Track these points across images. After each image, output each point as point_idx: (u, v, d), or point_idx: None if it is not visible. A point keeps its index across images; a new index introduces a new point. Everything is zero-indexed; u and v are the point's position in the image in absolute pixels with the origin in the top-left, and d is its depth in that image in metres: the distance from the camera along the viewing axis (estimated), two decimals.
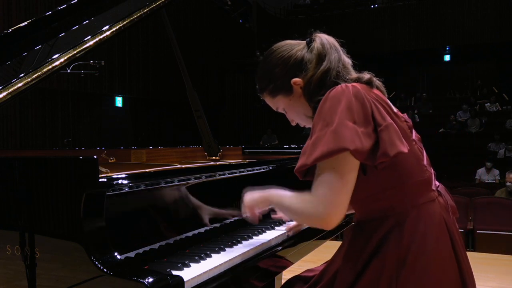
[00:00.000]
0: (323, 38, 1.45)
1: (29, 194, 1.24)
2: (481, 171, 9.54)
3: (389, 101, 1.40)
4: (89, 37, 1.74)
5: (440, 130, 12.69)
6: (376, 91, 1.40)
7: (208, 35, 14.02)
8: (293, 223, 1.88)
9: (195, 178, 1.65)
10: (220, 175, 1.80)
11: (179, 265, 1.31)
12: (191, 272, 1.29)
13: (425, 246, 1.27)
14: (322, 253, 2.80)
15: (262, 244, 1.61)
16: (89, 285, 1.15)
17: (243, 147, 2.97)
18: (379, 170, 1.28)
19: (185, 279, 1.20)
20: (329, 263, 1.53)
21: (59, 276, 1.19)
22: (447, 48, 18.19)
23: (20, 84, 1.55)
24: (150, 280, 1.10)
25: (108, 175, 1.35)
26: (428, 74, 18.97)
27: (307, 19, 18.79)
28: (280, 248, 1.68)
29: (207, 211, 1.68)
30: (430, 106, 14.52)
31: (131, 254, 1.32)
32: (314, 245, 2.04)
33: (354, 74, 1.42)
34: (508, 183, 6.80)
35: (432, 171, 1.40)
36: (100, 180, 1.21)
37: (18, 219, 1.25)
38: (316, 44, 1.44)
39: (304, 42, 1.49)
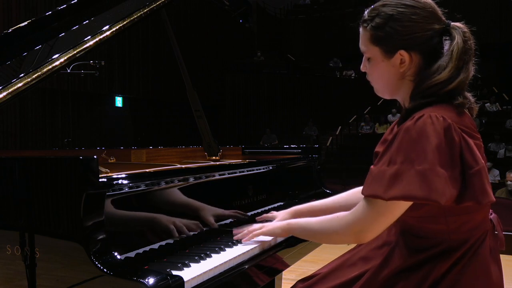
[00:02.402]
0: (468, 37, 1.28)
1: (29, 194, 1.23)
2: None
3: (475, 124, 1.27)
4: (89, 37, 1.74)
5: None
6: (464, 116, 1.25)
7: (208, 35, 14.02)
8: None
9: (195, 178, 1.65)
10: (220, 175, 1.80)
11: (179, 265, 1.31)
12: (191, 272, 1.29)
13: (465, 274, 1.23)
14: (322, 253, 2.81)
15: (262, 244, 1.61)
16: (89, 285, 1.15)
17: (243, 147, 2.97)
18: (459, 205, 1.19)
19: (185, 279, 1.20)
20: (352, 253, 1.50)
21: (59, 276, 1.19)
22: None
23: (20, 84, 1.55)
24: (150, 280, 1.10)
25: (108, 175, 1.35)
26: None
27: (307, 19, 18.81)
28: (280, 248, 1.68)
29: (207, 211, 1.68)
30: None
31: (131, 254, 1.32)
32: (314, 245, 2.04)
33: (467, 93, 1.29)
34: (508, 182, 6.80)
35: None
36: (100, 180, 1.21)
37: (18, 219, 1.25)
38: (459, 40, 1.25)
39: (443, 22, 1.30)
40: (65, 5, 1.85)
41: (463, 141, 1.17)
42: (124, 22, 1.86)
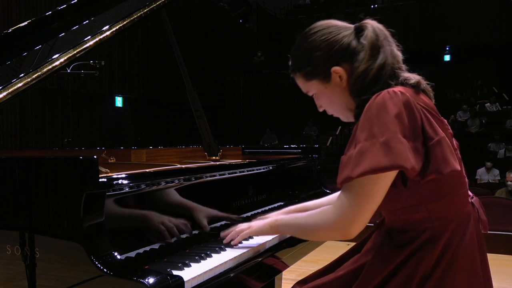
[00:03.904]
0: (375, 27, 1.33)
1: (29, 194, 1.23)
2: (481, 171, 9.54)
3: (434, 107, 1.30)
4: (89, 37, 1.73)
5: None
6: (422, 95, 1.28)
7: (208, 35, 14.02)
8: None
9: (195, 178, 1.65)
10: (220, 175, 1.80)
11: (179, 265, 1.31)
12: (191, 272, 1.29)
13: (455, 264, 1.23)
14: (322, 253, 2.80)
15: (263, 244, 1.61)
16: (89, 285, 1.15)
17: (243, 147, 2.97)
18: (422, 183, 1.20)
19: (185, 279, 1.20)
20: (342, 260, 1.49)
21: (59, 276, 1.19)
22: (447, 48, 18.20)
23: (20, 84, 1.55)
24: (151, 280, 1.10)
25: (108, 175, 1.35)
26: (428, 74, 18.95)
27: (307, 19, 18.78)
28: (280, 248, 1.68)
29: (207, 210, 1.68)
30: None
31: (132, 254, 1.32)
32: (314, 245, 2.04)
33: (406, 72, 1.32)
34: (508, 182, 6.81)
35: (467, 180, 1.32)
36: (100, 180, 1.21)
37: (18, 219, 1.25)
38: (369, 33, 1.31)
39: (351, 26, 1.36)
40: (65, 5, 1.84)
41: (423, 114, 1.20)
42: (124, 22, 1.86)
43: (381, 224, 1.41)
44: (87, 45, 1.72)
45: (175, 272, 1.25)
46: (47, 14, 1.83)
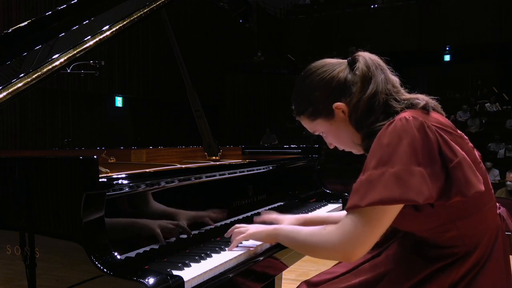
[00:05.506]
0: (367, 58, 1.34)
1: (29, 194, 1.23)
2: None
3: (451, 123, 1.29)
4: (89, 37, 1.73)
5: None
6: (435, 114, 1.28)
7: (208, 35, 14.02)
8: None
9: (195, 178, 1.65)
10: (220, 175, 1.80)
11: (179, 265, 1.31)
12: (191, 272, 1.29)
13: (482, 275, 1.23)
14: None
15: (262, 244, 1.61)
16: (89, 285, 1.15)
17: (243, 147, 2.97)
18: (447, 204, 1.18)
19: (185, 279, 1.20)
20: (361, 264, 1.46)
21: (59, 276, 1.19)
22: (447, 48, 18.20)
23: (20, 84, 1.55)
24: (150, 280, 1.10)
25: (108, 175, 1.35)
26: (428, 74, 18.97)
27: (307, 19, 18.81)
28: (280, 248, 1.68)
29: (207, 210, 1.68)
30: None
31: (132, 254, 1.32)
32: None
33: (406, 94, 1.32)
34: (508, 182, 6.80)
35: (493, 192, 1.31)
36: (100, 180, 1.21)
37: (18, 219, 1.25)
38: (360, 65, 1.32)
39: (345, 61, 1.39)
40: (65, 5, 1.84)
41: (439, 136, 1.18)
42: (124, 22, 1.86)
43: (406, 234, 1.38)
44: (87, 45, 1.72)
45: (175, 272, 1.25)
46: (47, 14, 1.83)
